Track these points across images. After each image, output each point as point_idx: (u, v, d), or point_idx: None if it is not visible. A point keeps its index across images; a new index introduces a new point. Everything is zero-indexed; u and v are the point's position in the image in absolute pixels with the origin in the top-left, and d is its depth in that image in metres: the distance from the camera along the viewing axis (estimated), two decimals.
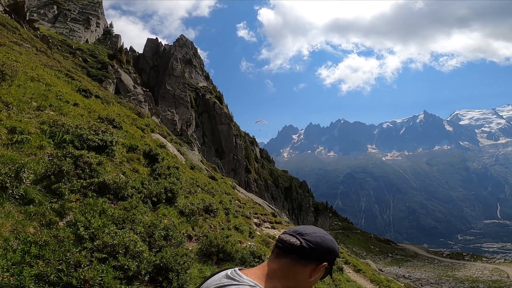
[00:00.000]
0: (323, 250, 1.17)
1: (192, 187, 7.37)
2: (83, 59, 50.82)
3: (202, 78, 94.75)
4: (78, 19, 65.73)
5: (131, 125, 10.61)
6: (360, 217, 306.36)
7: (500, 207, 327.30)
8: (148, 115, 16.86)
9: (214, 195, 9.42)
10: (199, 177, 10.94)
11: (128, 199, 3.78)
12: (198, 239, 4.86)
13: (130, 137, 7.10)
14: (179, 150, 14.65)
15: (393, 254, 65.53)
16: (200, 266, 4.01)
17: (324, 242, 1.18)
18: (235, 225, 7.98)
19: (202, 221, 5.57)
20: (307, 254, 1.15)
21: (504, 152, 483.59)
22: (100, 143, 4.54)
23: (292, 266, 1.15)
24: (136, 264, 2.42)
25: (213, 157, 70.48)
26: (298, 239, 1.17)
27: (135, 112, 14.66)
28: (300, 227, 1.24)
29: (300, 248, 1.15)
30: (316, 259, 1.16)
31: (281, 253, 1.18)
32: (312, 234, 1.18)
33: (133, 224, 3.11)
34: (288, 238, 1.18)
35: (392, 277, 33.67)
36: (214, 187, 11.16)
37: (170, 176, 5.68)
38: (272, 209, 30.89)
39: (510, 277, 39.08)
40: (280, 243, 1.19)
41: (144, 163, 5.91)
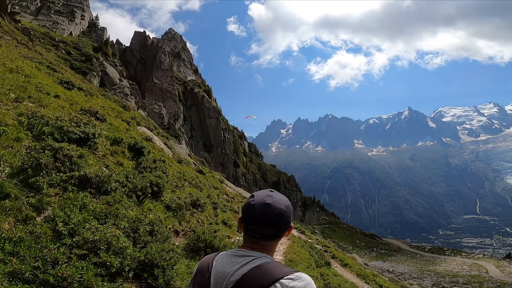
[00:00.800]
0: (289, 222, 1.35)
1: (179, 181, 7.23)
2: (66, 52, 49.01)
3: (190, 72, 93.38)
4: (62, 11, 63.22)
5: (116, 118, 10.31)
6: (346, 212, 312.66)
7: (479, 203, 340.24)
8: (134, 108, 16.43)
9: (202, 189, 9.30)
10: (186, 171, 10.78)
11: (111, 193, 3.64)
12: (186, 234, 4.78)
13: (114, 130, 6.87)
14: (166, 144, 14.38)
15: (378, 249, 67.24)
16: (187, 262, 3.93)
17: (286, 217, 1.33)
18: (223, 220, 7.92)
19: (189, 215, 5.48)
20: (280, 235, 1.35)
21: (484, 149, 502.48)
22: (81, 136, 4.35)
23: (273, 242, 1.36)
24: (119, 261, 2.32)
25: (201, 151, 69.91)
26: (270, 230, 1.31)
27: (120, 105, 14.24)
28: (262, 193, 1.38)
29: (276, 235, 1.34)
30: (281, 235, 1.35)
31: (261, 239, 1.33)
32: (277, 221, 1.31)
33: (116, 219, 2.99)
34: (263, 230, 1.31)
35: (377, 271, 34.54)
36: (202, 181, 11.03)
37: (156, 169, 5.53)
38: None
39: (488, 272, 40.39)
40: (258, 234, 1.32)
41: (129, 157, 5.73)
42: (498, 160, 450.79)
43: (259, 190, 1.37)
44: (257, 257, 1.26)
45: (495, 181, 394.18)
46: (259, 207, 1.29)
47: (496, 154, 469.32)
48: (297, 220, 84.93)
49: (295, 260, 7.68)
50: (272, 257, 1.32)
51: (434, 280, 38.35)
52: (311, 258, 7.75)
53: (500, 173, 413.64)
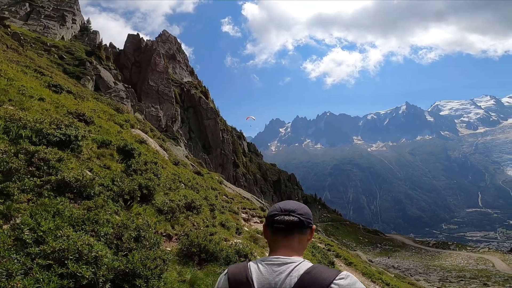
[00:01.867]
0: (310, 217, 1.45)
1: (173, 183, 6.98)
2: (59, 56, 48.66)
3: (186, 74, 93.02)
4: (53, 16, 62.84)
5: (108, 120, 10.04)
6: (348, 209, 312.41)
7: (481, 196, 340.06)
8: (128, 111, 16.09)
9: (198, 190, 9.04)
10: (182, 173, 10.51)
11: (94, 198, 3.39)
12: (179, 238, 4.52)
13: (104, 132, 6.61)
14: (161, 146, 14.11)
15: (381, 245, 67.01)
16: (179, 268, 3.67)
17: (307, 211, 1.46)
18: (221, 222, 7.66)
19: (183, 219, 5.22)
20: (304, 225, 1.41)
21: (483, 141, 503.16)
22: (62, 138, 4.09)
23: (300, 238, 1.40)
24: (92, 271, 2.07)
25: (200, 152, 69.63)
26: (294, 217, 1.38)
27: (113, 108, 13.97)
28: (284, 205, 1.45)
29: (300, 223, 1.39)
30: (309, 226, 1.44)
31: (288, 232, 1.38)
32: (298, 209, 1.43)
33: (95, 225, 2.73)
34: (287, 218, 1.38)
35: (382, 267, 34.33)
36: (199, 182, 10.77)
37: (147, 172, 5.27)
38: (261, 203, 30.74)
39: (495, 266, 40.09)
40: (284, 224, 1.37)
41: (118, 159, 5.47)
42: (498, 152, 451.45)
43: (260, 189, 1.45)
44: (297, 263, 1.28)
45: (495, 173, 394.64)
46: (281, 203, 1.46)
47: (495, 146, 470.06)
48: None
49: None
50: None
51: (441, 275, 38.05)
52: (314, 259, 7.49)
53: (500, 165, 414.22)
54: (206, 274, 3.76)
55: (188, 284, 3.32)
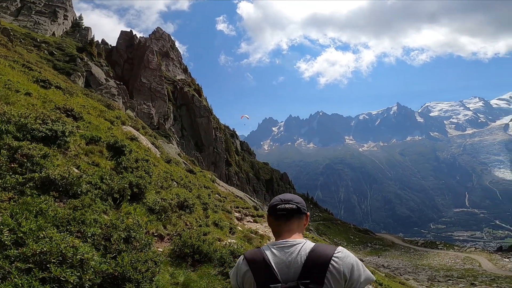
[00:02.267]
0: (305, 206, 1.76)
1: (165, 181, 6.80)
2: (49, 52, 47.56)
3: (180, 71, 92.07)
4: (44, 11, 61.46)
5: (98, 117, 9.76)
6: (339, 208, 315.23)
7: (468, 196, 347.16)
8: (119, 108, 15.73)
9: (191, 189, 8.87)
10: (174, 171, 10.30)
11: (81, 197, 3.21)
12: (171, 238, 4.37)
13: (93, 129, 6.38)
14: (153, 143, 13.84)
15: (372, 244, 67.73)
16: (172, 270, 3.53)
17: (302, 200, 1.77)
18: (214, 221, 7.52)
19: (176, 218, 5.06)
20: (301, 212, 1.72)
21: (471, 142, 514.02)
22: (48, 134, 3.88)
23: (298, 222, 1.71)
24: (77, 275, 1.91)
25: (192, 150, 69.08)
26: (292, 205, 1.69)
27: (104, 104, 13.63)
28: (283, 197, 1.76)
29: (298, 210, 1.69)
30: (304, 212, 1.75)
31: (289, 217, 1.68)
32: (295, 199, 1.75)
33: (82, 225, 2.57)
34: (287, 206, 1.68)
35: (372, 267, 34.61)
36: (191, 181, 10.58)
37: (138, 169, 5.09)
38: (254, 202, 30.66)
39: (481, 265, 40.75)
40: (285, 211, 1.68)
41: (107, 156, 5.27)
42: (485, 153, 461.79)
43: (253, 188, 2.02)
44: (302, 243, 1.58)
45: (482, 174, 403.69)
46: (281, 195, 1.77)
47: (483, 147, 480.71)
48: None
49: None
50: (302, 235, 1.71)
51: (429, 274, 38.51)
52: None
53: (488, 166, 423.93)
54: (200, 276, 3.63)
55: (182, 287, 3.19)
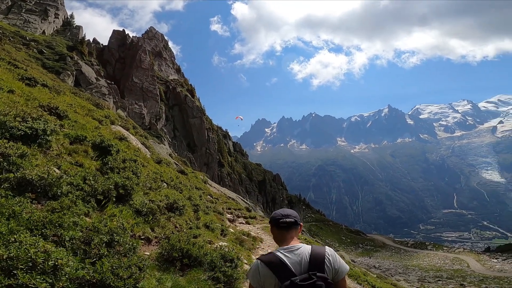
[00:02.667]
0: (299, 219, 2.29)
1: (154, 182, 6.60)
2: (38, 51, 46.55)
3: (173, 71, 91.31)
4: (35, 10, 60.30)
5: (86, 116, 9.48)
6: (331, 209, 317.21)
7: (457, 197, 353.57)
8: (108, 107, 15.39)
9: (182, 190, 8.67)
10: (165, 172, 10.08)
11: (61, 198, 3.03)
12: (160, 241, 4.19)
13: (79, 128, 6.15)
14: (144, 144, 13.57)
15: (363, 245, 68.14)
16: (159, 275, 3.36)
17: (297, 215, 2.30)
18: (205, 223, 7.34)
19: (165, 220, 4.89)
20: (297, 224, 2.25)
21: (459, 145, 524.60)
22: (28, 132, 3.67)
23: (295, 231, 2.24)
24: (49, 282, 1.75)
25: (185, 151, 68.47)
26: (291, 219, 2.22)
27: (92, 103, 13.28)
28: (283, 212, 2.27)
29: (295, 222, 2.23)
30: (299, 224, 2.27)
31: (288, 228, 2.19)
32: (293, 214, 2.28)
33: (59, 229, 2.39)
34: (287, 220, 2.20)
35: (364, 267, 34.76)
36: (182, 182, 10.38)
37: (125, 170, 4.90)
38: (246, 203, 30.47)
39: (470, 266, 41.17)
40: (285, 223, 2.19)
41: (93, 156, 5.06)
42: (473, 155, 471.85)
43: (245, 189, 4.30)
44: (302, 246, 2.11)
45: (470, 175, 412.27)
46: (281, 210, 2.30)
47: (471, 150, 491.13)
48: None
49: None
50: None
51: (419, 275, 38.81)
52: None
53: (475, 168, 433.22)
54: (189, 281, 3.47)
55: None
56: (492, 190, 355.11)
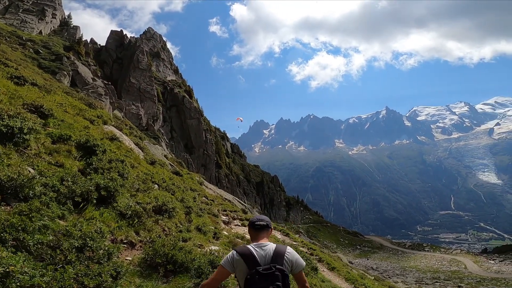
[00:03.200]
0: (270, 223, 2.85)
1: (144, 183, 6.39)
2: (34, 51, 46.27)
3: (170, 72, 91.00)
4: (32, 10, 60.11)
5: (77, 115, 9.26)
6: (329, 210, 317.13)
7: (454, 199, 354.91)
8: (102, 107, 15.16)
9: (174, 192, 8.46)
10: (157, 173, 9.85)
11: (32, 200, 2.83)
12: (145, 245, 4.00)
13: (65, 127, 5.94)
14: (138, 144, 13.35)
15: (361, 246, 68.07)
16: (140, 282, 3.16)
17: (269, 220, 2.89)
18: (197, 226, 7.13)
19: (152, 223, 4.69)
20: (268, 227, 2.81)
21: (456, 146, 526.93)
22: (3, 130, 3.47)
23: (267, 233, 2.79)
24: None
25: (182, 152, 68.12)
26: (264, 223, 2.80)
27: (85, 103, 13.04)
28: (259, 217, 2.88)
29: (266, 226, 2.79)
30: (270, 227, 2.83)
31: (261, 229, 2.77)
32: (265, 219, 2.88)
33: (21, 233, 2.20)
34: (261, 223, 2.78)
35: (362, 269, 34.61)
36: (176, 183, 10.17)
37: (111, 171, 4.70)
38: (242, 205, 30.25)
39: (467, 267, 41.17)
40: (259, 226, 2.77)
41: (76, 156, 4.86)
42: (470, 157, 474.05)
43: (243, 191, 6.68)
44: (270, 244, 2.63)
45: (467, 177, 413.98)
46: (256, 216, 2.87)
47: (468, 151, 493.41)
48: (281, 220, 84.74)
49: None
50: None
51: (416, 276, 38.76)
52: None
53: (472, 170, 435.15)
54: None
55: None
56: (489, 191, 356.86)
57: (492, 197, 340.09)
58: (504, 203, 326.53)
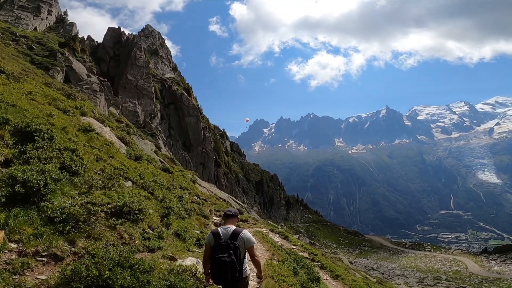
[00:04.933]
0: (237, 214, 4.22)
1: (109, 179, 5.38)
2: (28, 47, 45.35)
3: (169, 69, 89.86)
4: (27, 6, 59.12)
5: (47, 104, 8.22)
6: (329, 209, 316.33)
7: (453, 198, 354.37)
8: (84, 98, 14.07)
9: (154, 190, 7.44)
10: (136, 168, 8.81)
11: None
12: (80, 258, 2.98)
13: (14, 112, 4.92)
14: (122, 138, 12.32)
15: (361, 246, 67.29)
16: None
17: (236, 212, 4.23)
18: (176, 231, 6.10)
19: (105, 229, 3.68)
20: (236, 216, 4.14)
21: (456, 146, 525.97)
22: None
23: (233, 220, 4.09)
24: None
25: (180, 150, 67.08)
26: (231, 213, 4.12)
27: (64, 94, 12.01)
28: (228, 209, 4.31)
29: (233, 215, 4.12)
30: (236, 216, 4.16)
31: (229, 217, 4.06)
32: (232, 210, 4.21)
33: None
34: (229, 213, 4.09)
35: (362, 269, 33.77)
36: (160, 180, 9.14)
37: (51, 161, 3.69)
38: (239, 205, 29.20)
39: (468, 267, 40.65)
40: (227, 215, 4.09)
41: (9, 143, 3.85)
42: (470, 156, 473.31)
43: (242, 189, 14.42)
44: (231, 227, 3.84)
45: (467, 176, 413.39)
46: (228, 208, 5.71)
47: (467, 151, 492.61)
48: (281, 219, 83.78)
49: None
50: (236, 226, 4.04)
51: (417, 276, 38.23)
52: (296, 284, 5.99)
53: (472, 169, 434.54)
54: None
55: None
56: (489, 191, 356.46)
57: (492, 197, 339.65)
58: (503, 203, 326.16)
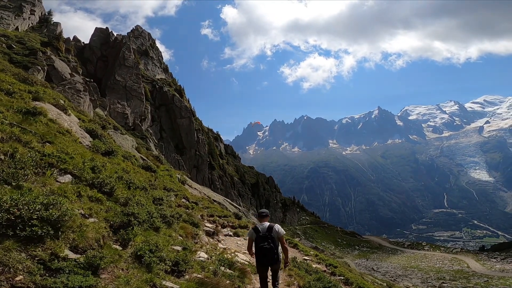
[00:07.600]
0: (268, 213, 6.07)
1: (21, 169, 3.34)
2: (7, 46, 42.84)
3: (160, 71, 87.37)
4: (9, 6, 56.44)
5: None
6: (324, 211, 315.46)
7: (447, 197, 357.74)
8: (45, 85, 12.06)
9: (112, 189, 5.35)
10: (90, 159, 6.64)
11: None
12: None
13: None
14: (92, 130, 10.20)
15: (359, 247, 65.76)
16: None
17: (268, 211, 6.14)
18: (137, 251, 3.96)
19: None
20: (268, 215, 5.98)
21: (448, 145, 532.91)
22: None
23: (267, 218, 5.90)
24: None
25: (172, 153, 64.54)
26: (265, 213, 5.96)
27: (18, 79, 9.88)
28: (262, 210, 6.10)
29: (266, 215, 5.95)
30: (268, 215, 5.99)
31: (264, 217, 5.88)
32: (265, 211, 6.03)
33: None
34: (263, 214, 5.95)
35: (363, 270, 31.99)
36: (128, 177, 7.05)
37: None
38: (236, 208, 27.02)
39: (469, 266, 40.03)
40: (262, 215, 5.94)
41: None
42: (461, 155, 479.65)
43: (238, 192, 12.09)
44: (266, 223, 5.71)
45: (459, 175, 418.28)
46: (261, 210, 6.10)
47: (459, 150, 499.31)
48: (278, 221, 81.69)
49: None
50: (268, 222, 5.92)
51: (420, 277, 37.17)
52: None
53: (464, 168, 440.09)
54: None
55: None
56: (481, 189, 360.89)
57: (485, 195, 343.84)
58: (496, 200, 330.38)
